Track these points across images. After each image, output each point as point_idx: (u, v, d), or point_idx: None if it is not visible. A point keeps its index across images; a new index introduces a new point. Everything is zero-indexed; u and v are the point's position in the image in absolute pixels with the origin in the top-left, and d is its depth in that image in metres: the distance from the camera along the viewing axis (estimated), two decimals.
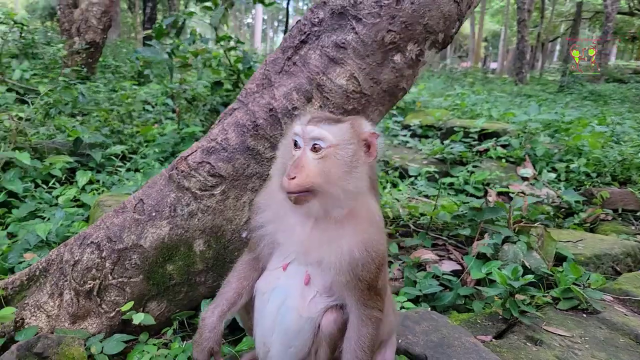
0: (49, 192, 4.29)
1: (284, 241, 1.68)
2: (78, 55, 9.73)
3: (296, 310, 1.63)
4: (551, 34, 43.99)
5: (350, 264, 1.55)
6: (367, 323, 1.58)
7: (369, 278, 1.57)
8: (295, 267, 1.67)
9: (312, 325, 1.63)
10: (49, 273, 2.63)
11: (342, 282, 1.58)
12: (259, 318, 1.74)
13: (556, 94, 18.56)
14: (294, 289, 1.65)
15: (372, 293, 1.58)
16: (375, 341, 1.62)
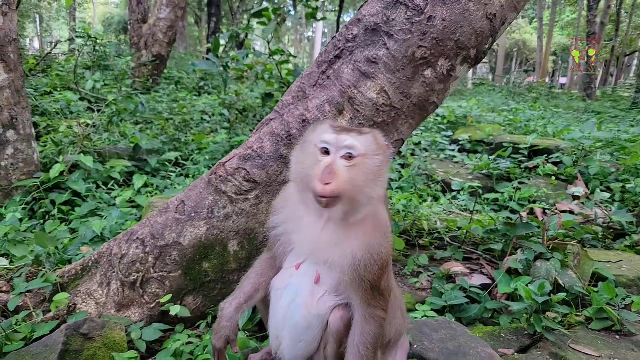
0: (108, 193, 4.69)
1: (298, 241, 1.80)
2: (145, 67, 10.47)
3: (305, 307, 1.74)
4: (627, 48, 41.49)
5: (354, 265, 1.65)
6: (370, 321, 1.67)
7: (372, 279, 1.66)
8: (307, 267, 1.79)
9: (320, 322, 1.74)
10: (100, 265, 2.91)
11: (347, 282, 1.68)
12: (272, 313, 1.87)
13: (628, 111, 17.50)
14: (305, 287, 1.76)
15: (375, 293, 1.67)
16: (378, 339, 1.70)
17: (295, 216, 1.80)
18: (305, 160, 1.68)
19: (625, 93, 29.16)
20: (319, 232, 1.71)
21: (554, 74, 56.19)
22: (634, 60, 54.20)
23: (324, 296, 1.75)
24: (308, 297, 1.74)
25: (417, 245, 3.75)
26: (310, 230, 1.74)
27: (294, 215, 1.80)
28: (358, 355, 1.66)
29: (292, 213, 1.81)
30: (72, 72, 8.63)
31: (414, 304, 2.91)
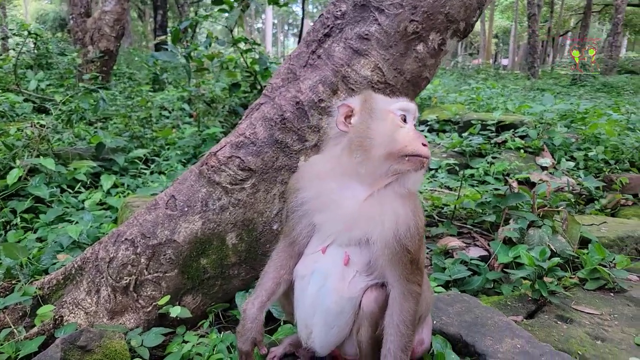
0: (75, 196, 4.40)
1: (324, 220, 1.70)
2: (93, 64, 9.92)
3: (336, 291, 1.67)
4: (561, 29, 43.63)
5: (397, 236, 1.59)
6: (408, 298, 1.62)
7: (413, 250, 1.61)
8: (334, 249, 1.71)
9: (353, 305, 1.68)
10: (85, 271, 2.70)
11: (387, 257, 1.61)
12: (299, 301, 1.78)
13: (569, 87, 18.43)
14: (334, 270, 1.69)
15: (414, 267, 1.62)
16: (416, 316, 1.65)
17: (325, 192, 1.70)
18: (382, 127, 1.63)
19: (562, 71, 30.70)
20: (359, 206, 1.63)
21: (497, 55, 58.30)
22: (567, 40, 57.08)
23: (354, 278, 1.68)
24: (338, 280, 1.67)
25: None
26: (348, 203, 1.65)
27: (322, 190, 1.70)
28: (399, 335, 1.61)
29: (323, 188, 1.71)
30: (11, 72, 8.04)
31: None
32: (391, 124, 1.63)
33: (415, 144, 1.59)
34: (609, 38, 23.77)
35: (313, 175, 1.76)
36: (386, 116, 1.65)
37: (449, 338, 2.17)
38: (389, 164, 1.59)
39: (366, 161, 1.60)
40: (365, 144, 1.61)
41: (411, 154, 1.57)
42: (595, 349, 2.28)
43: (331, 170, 1.70)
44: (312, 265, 1.74)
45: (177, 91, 8.66)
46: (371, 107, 1.67)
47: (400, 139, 1.60)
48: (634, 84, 18.83)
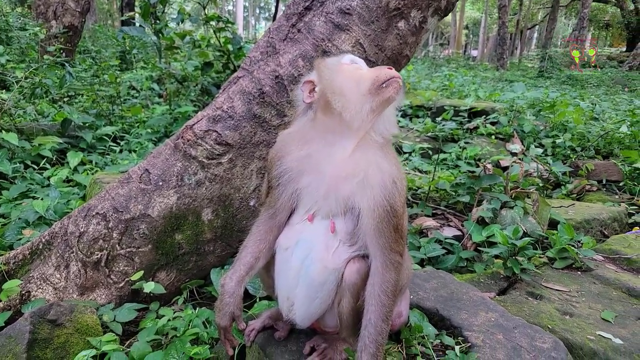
0: (40, 173, 4.23)
1: (309, 184, 1.68)
2: (56, 40, 9.48)
3: (321, 261, 1.65)
4: (529, 22, 44.60)
5: (387, 191, 1.59)
6: (390, 268, 1.62)
7: (399, 211, 1.61)
8: (320, 220, 1.69)
9: (336, 277, 1.66)
10: (54, 246, 2.61)
11: (374, 220, 1.59)
12: (281, 273, 1.76)
13: (536, 79, 18.89)
14: (319, 240, 1.67)
15: (397, 235, 1.62)
16: (398, 286, 1.66)
17: (307, 156, 1.67)
18: (345, 77, 1.66)
19: (529, 63, 31.45)
20: (343, 163, 1.61)
21: (467, 46, 59.13)
22: (535, 34, 58.44)
23: (338, 248, 1.67)
24: (323, 250, 1.65)
25: None
26: (331, 163, 1.63)
27: (305, 155, 1.68)
28: (380, 305, 1.61)
29: (305, 152, 1.68)
30: None
31: None
32: (351, 72, 1.68)
33: (381, 71, 1.63)
34: (574, 32, 24.45)
35: (295, 142, 1.73)
36: (344, 68, 1.69)
37: (426, 312, 2.21)
38: (369, 98, 1.60)
39: (347, 103, 1.60)
40: (338, 92, 1.62)
41: (385, 79, 1.60)
42: (564, 323, 2.36)
43: (310, 134, 1.69)
44: (296, 235, 1.71)
45: (146, 70, 8.40)
46: (326, 66, 1.70)
47: (367, 75, 1.65)
48: (597, 77, 19.46)
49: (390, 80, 1.60)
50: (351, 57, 1.76)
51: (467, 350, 1.96)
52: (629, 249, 3.27)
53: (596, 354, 2.14)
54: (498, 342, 2.00)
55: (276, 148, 1.82)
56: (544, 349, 1.96)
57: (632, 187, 4.92)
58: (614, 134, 6.09)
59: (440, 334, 2.07)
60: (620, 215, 4.02)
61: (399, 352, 1.93)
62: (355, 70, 1.70)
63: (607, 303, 2.59)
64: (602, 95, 12.82)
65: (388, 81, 1.60)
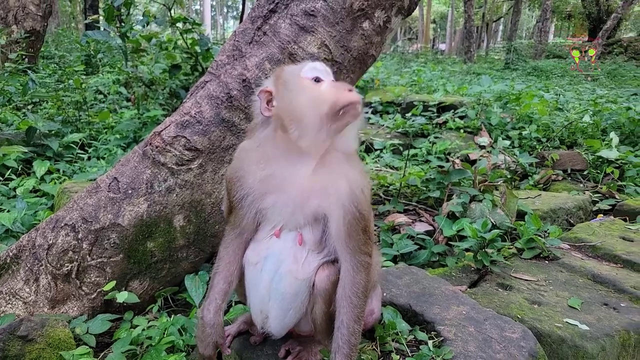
0: (5, 184, 4.11)
1: (274, 204, 1.67)
2: (18, 45, 9.21)
3: (291, 273, 1.65)
4: (495, 14, 45.48)
5: (355, 198, 1.60)
6: (360, 270, 1.64)
7: (366, 215, 1.63)
8: (287, 233, 1.69)
9: (307, 286, 1.67)
10: (22, 259, 2.55)
11: (343, 228, 1.61)
12: (252, 288, 1.75)
13: (502, 71, 19.31)
14: (287, 253, 1.67)
15: (366, 237, 1.64)
16: (368, 287, 1.68)
17: (271, 175, 1.66)
18: (303, 97, 1.58)
19: (496, 56, 32.10)
20: (307, 180, 1.61)
21: (435, 40, 59.87)
22: (500, 26, 59.60)
23: (307, 258, 1.67)
24: (292, 263, 1.66)
25: None
26: (295, 183, 1.62)
27: (269, 173, 1.66)
28: (351, 306, 1.63)
29: (267, 172, 1.66)
30: None
31: None
32: (309, 90, 1.59)
33: (340, 95, 1.54)
34: (538, 24, 25.05)
35: (254, 160, 1.69)
36: (301, 84, 1.61)
37: (399, 308, 2.25)
38: (327, 125, 1.55)
39: (303, 132, 1.55)
40: (295, 117, 1.56)
41: (343, 105, 1.53)
42: (533, 312, 2.43)
43: (270, 152, 1.65)
44: (264, 250, 1.71)
45: (112, 74, 8.23)
46: (284, 82, 1.63)
47: (325, 97, 1.55)
48: (561, 68, 20.01)
49: (349, 107, 1.53)
50: (311, 67, 1.65)
51: (440, 345, 2.00)
52: (593, 237, 3.39)
53: (564, 341, 2.21)
54: (470, 334, 2.05)
55: (234, 167, 1.77)
56: (513, 339, 2.02)
57: (595, 175, 5.10)
58: (577, 124, 6.29)
59: (413, 330, 2.12)
60: (585, 203, 4.16)
61: (374, 350, 1.97)
62: (313, 88, 1.60)
63: (573, 290, 2.68)
64: (566, 85, 13.19)
65: (347, 107, 1.53)
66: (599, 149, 5.31)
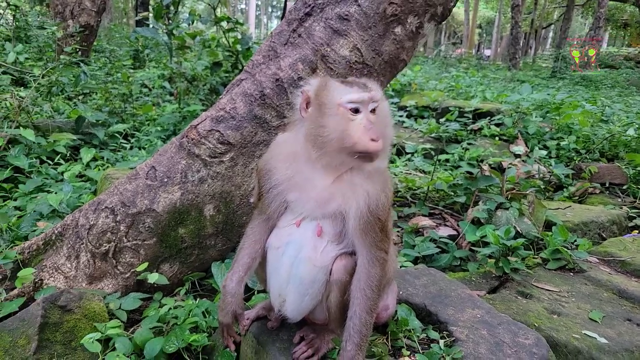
0: (54, 168, 4.40)
1: (297, 199, 1.78)
2: (72, 39, 9.70)
3: (310, 260, 1.75)
4: (544, 21, 44.15)
5: (371, 208, 1.68)
6: (375, 264, 1.72)
7: (384, 218, 1.71)
8: (307, 223, 1.79)
9: (324, 274, 1.76)
10: (65, 237, 2.75)
11: (359, 227, 1.69)
12: (272, 271, 1.86)
13: (549, 79, 18.75)
14: (307, 241, 1.77)
15: (383, 235, 1.72)
16: (382, 281, 1.76)
17: (295, 172, 1.77)
18: (332, 123, 1.62)
19: (543, 63, 31.17)
20: (330, 182, 1.72)
21: (479, 46, 58.68)
22: (550, 33, 57.75)
23: (326, 247, 1.76)
24: (311, 250, 1.75)
25: None
26: (318, 183, 1.73)
27: (294, 173, 1.78)
28: (365, 298, 1.71)
29: (292, 171, 1.78)
30: None
31: None
32: (341, 119, 1.62)
33: (363, 140, 1.58)
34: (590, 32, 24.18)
35: (283, 157, 1.81)
36: (336, 111, 1.63)
37: (414, 307, 2.30)
38: (342, 158, 1.65)
39: (322, 155, 1.64)
40: (318, 139, 1.63)
41: (360, 151, 1.59)
42: (551, 322, 2.43)
43: (298, 153, 1.75)
44: (286, 237, 1.81)
45: (157, 69, 8.57)
46: (322, 101, 1.66)
47: (349, 135, 1.59)
48: (612, 78, 19.25)
49: (365, 154, 1.60)
50: (353, 97, 1.63)
51: (451, 344, 2.04)
52: (624, 252, 3.32)
53: (580, 352, 2.21)
54: (481, 337, 2.08)
55: (266, 159, 1.90)
56: (525, 344, 2.04)
57: (635, 190, 4.94)
58: (620, 137, 6.10)
59: (426, 328, 2.16)
60: (620, 218, 4.05)
61: (385, 344, 2.03)
62: (346, 119, 1.62)
63: (596, 304, 2.65)
64: (615, 96, 12.71)
65: (363, 154, 1.60)
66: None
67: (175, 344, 2.13)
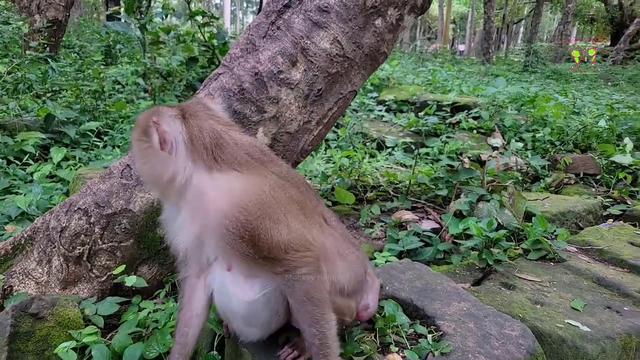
0: (23, 169, 4.23)
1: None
2: (40, 34, 9.38)
3: (236, 297, 1.66)
4: (515, 16, 44.94)
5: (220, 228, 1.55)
6: (293, 284, 1.59)
7: (246, 250, 1.54)
8: (216, 263, 1.72)
9: (262, 305, 1.67)
10: (35, 241, 2.63)
11: (234, 256, 1.59)
12: (219, 311, 1.82)
13: (521, 73, 19.07)
14: (225, 278, 1.69)
15: (268, 260, 1.56)
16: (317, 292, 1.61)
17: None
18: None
19: (515, 58, 31.71)
20: (174, 223, 1.69)
21: (454, 41, 59.38)
22: (521, 28, 58.86)
23: (246, 282, 1.66)
24: (232, 286, 1.67)
25: (365, 200, 3.85)
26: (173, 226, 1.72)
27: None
28: (301, 312, 1.62)
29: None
30: None
31: (372, 252, 3.00)
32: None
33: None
34: (559, 27, 24.69)
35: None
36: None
37: (400, 302, 2.27)
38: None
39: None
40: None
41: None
42: (535, 312, 2.44)
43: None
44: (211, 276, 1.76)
45: (131, 65, 8.35)
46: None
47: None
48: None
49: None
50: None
51: (439, 339, 2.03)
52: (601, 240, 3.37)
53: (564, 341, 2.22)
54: (469, 330, 2.07)
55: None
56: (512, 336, 2.04)
57: (608, 180, 5.05)
58: (592, 128, 6.23)
59: (413, 323, 2.14)
60: (595, 207, 4.13)
61: (373, 341, 2.00)
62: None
63: (577, 292, 2.68)
64: (584, 89, 13.01)
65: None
66: (613, 154, 5.25)
67: (156, 349, 2.06)
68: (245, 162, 1.66)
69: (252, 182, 1.61)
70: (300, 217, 1.68)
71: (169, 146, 1.59)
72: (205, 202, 1.57)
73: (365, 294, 2.03)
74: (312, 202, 1.82)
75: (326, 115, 2.83)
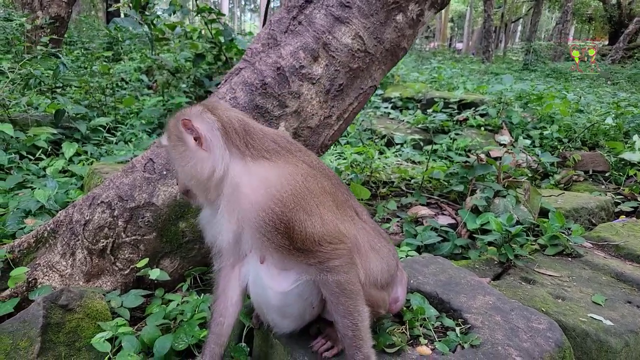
0: (35, 163, 4.22)
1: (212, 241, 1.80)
2: (42, 31, 9.34)
3: (270, 289, 1.68)
4: (514, 15, 45.02)
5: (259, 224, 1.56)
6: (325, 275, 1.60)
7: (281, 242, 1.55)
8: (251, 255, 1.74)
9: (296, 295, 1.68)
10: (59, 234, 2.63)
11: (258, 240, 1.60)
12: (254, 302, 1.83)
13: (521, 72, 19.12)
14: (259, 269, 1.70)
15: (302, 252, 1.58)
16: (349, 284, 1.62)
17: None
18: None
19: (514, 56, 31.79)
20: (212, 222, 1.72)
21: (452, 39, 59.43)
22: (519, 27, 58.96)
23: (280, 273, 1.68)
24: (267, 278, 1.69)
25: (378, 196, 3.86)
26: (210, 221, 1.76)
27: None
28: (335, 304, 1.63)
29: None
30: None
31: None
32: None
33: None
34: (558, 26, 24.74)
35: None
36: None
37: (426, 295, 2.29)
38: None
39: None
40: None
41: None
42: (557, 306, 2.46)
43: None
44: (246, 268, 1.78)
45: (134, 62, 8.33)
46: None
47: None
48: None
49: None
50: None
51: (467, 332, 2.04)
52: (616, 236, 3.40)
53: (588, 335, 2.24)
54: (496, 323, 2.09)
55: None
56: (540, 329, 2.06)
57: (617, 177, 5.08)
58: (599, 126, 6.25)
59: (440, 316, 2.16)
60: (607, 204, 4.16)
61: (403, 333, 2.01)
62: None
63: (597, 287, 2.70)
64: (585, 88, 13.06)
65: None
66: (622, 151, 5.28)
67: (185, 340, 2.07)
68: (273, 150, 1.67)
69: (286, 171, 1.62)
70: (333, 208, 1.69)
71: (205, 143, 1.62)
72: (241, 195, 1.59)
73: (395, 287, 2.04)
74: (344, 194, 1.83)
75: (347, 110, 2.84)
